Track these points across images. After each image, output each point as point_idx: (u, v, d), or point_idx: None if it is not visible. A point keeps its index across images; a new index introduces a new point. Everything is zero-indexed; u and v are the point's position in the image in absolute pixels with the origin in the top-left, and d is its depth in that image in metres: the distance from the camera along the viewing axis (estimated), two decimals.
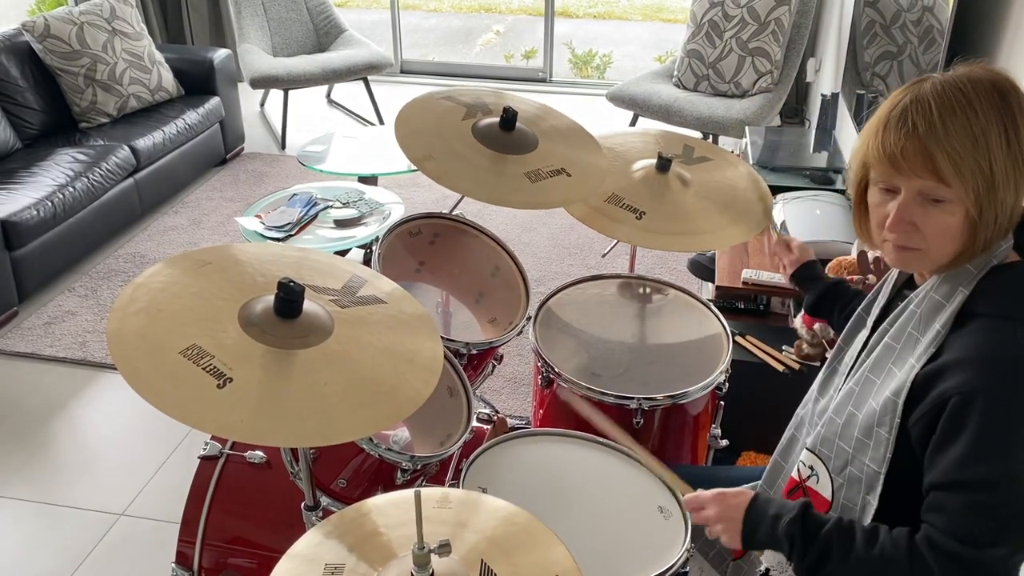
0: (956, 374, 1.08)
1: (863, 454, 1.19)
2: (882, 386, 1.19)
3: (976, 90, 1.09)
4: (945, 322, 1.13)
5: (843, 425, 1.23)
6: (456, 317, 2.02)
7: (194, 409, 1.10)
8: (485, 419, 1.85)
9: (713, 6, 4.37)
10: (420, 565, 1.01)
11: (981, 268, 1.14)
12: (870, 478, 1.18)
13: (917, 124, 1.09)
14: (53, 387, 2.93)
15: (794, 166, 3.10)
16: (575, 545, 1.12)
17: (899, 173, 1.11)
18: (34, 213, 3.27)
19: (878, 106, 1.17)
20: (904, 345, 1.18)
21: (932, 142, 1.08)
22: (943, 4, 2.29)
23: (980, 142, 1.07)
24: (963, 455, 1.06)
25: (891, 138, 1.11)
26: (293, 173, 4.48)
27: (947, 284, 1.16)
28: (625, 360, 1.87)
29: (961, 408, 1.06)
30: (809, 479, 1.29)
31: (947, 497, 1.08)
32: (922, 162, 1.09)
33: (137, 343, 1.16)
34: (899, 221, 1.13)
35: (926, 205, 1.11)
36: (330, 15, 5.21)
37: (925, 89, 1.11)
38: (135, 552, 2.30)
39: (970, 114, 1.08)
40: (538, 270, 3.60)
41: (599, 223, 1.86)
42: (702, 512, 1.27)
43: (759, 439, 2.17)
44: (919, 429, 1.12)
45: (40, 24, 3.92)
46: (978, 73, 1.11)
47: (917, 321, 1.18)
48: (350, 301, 1.34)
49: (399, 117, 1.82)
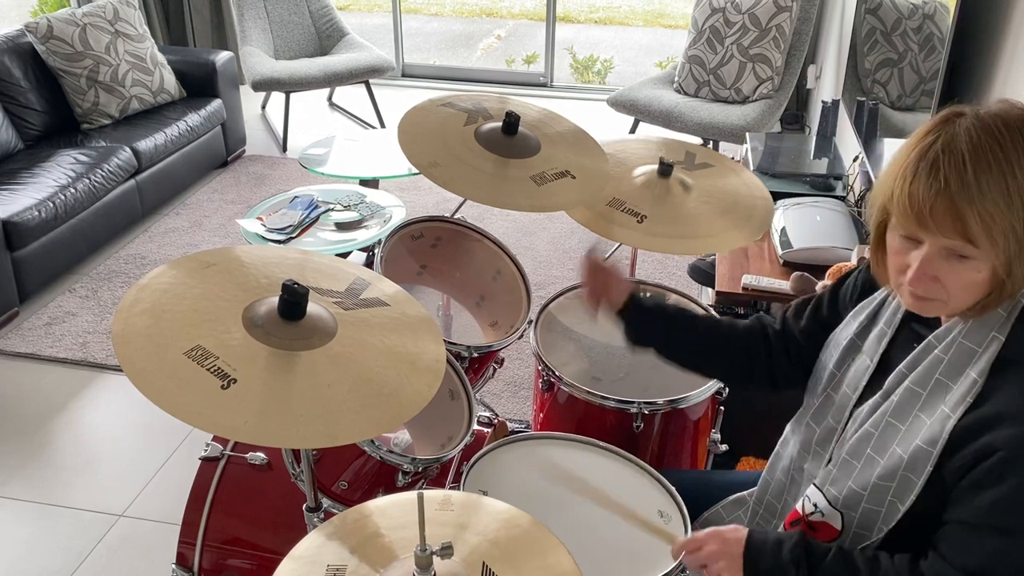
0: (1005, 427, 1.03)
1: (883, 493, 1.14)
2: (909, 433, 1.14)
3: (1013, 139, 1.01)
4: (982, 371, 1.08)
5: (860, 468, 1.18)
6: (457, 320, 2.03)
7: (198, 410, 1.10)
8: (485, 422, 1.86)
9: (714, 12, 4.39)
10: (422, 567, 1.01)
11: (1011, 311, 1.09)
12: (889, 513, 1.15)
13: (950, 180, 1.00)
14: (53, 388, 2.93)
15: (794, 172, 3.11)
16: (575, 549, 1.13)
17: (925, 229, 1.04)
18: (35, 214, 3.27)
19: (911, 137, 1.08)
20: (932, 392, 1.13)
21: (964, 203, 1.00)
22: (944, 12, 2.30)
23: (1016, 202, 1.00)
24: (1002, 501, 1.03)
25: (920, 192, 1.02)
26: (294, 176, 4.49)
27: (976, 330, 1.10)
28: (626, 364, 1.87)
29: (1007, 460, 1.03)
30: (812, 515, 1.24)
31: (974, 537, 1.05)
32: (951, 223, 1.01)
33: (142, 343, 1.17)
34: (921, 276, 1.06)
35: (951, 260, 1.05)
36: (332, 18, 5.23)
37: (959, 135, 1.02)
38: (135, 553, 2.30)
39: (1006, 170, 1.00)
40: (538, 274, 3.60)
41: (600, 227, 1.86)
42: (701, 551, 1.22)
43: (758, 444, 2.18)
44: (956, 475, 1.08)
45: (43, 25, 3.93)
46: (1013, 114, 1.03)
47: (946, 368, 1.12)
48: (354, 303, 1.34)
49: (401, 125, 1.82)
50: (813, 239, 2.47)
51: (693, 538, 1.25)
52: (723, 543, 1.21)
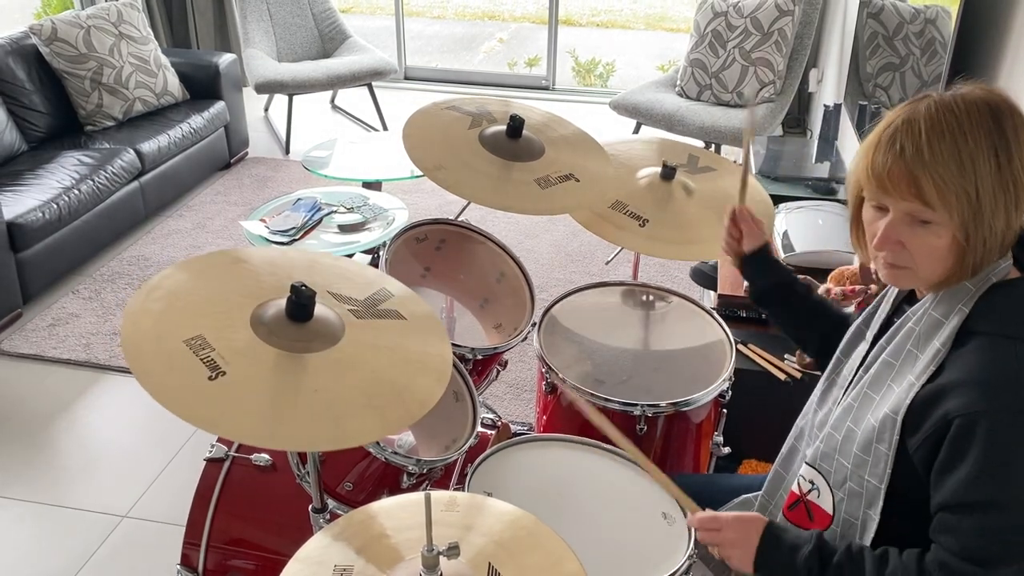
0: (958, 395, 1.08)
1: (862, 469, 1.19)
2: (881, 403, 1.19)
3: (969, 112, 1.08)
4: (944, 340, 1.13)
5: (842, 440, 1.23)
6: (461, 322, 2.04)
7: (176, 396, 1.10)
8: (489, 424, 1.86)
9: (716, 16, 4.40)
10: (429, 567, 1.02)
11: (980, 286, 1.13)
12: (870, 493, 1.19)
13: (905, 147, 1.09)
14: (57, 389, 2.94)
15: (796, 176, 3.12)
16: (579, 550, 1.13)
17: (887, 194, 1.12)
18: (39, 215, 3.28)
19: (881, 119, 1.17)
20: (903, 362, 1.18)
21: (918, 166, 1.08)
22: (946, 17, 2.31)
23: (967, 167, 1.06)
24: (969, 477, 1.06)
25: (880, 159, 1.11)
26: (297, 178, 4.50)
27: (945, 302, 1.15)
28: (629, 367, 1.88)
29: (965, 430, 1.06)
30: (810, 493, 1.29)
31: (956, 519, 1.08)
32: (907, 186, 1.09)
33: (150, 324, 1.18)
34: (886, 239, 1.14)
35: (913, 225, 1.12)
36: (335, 21, 5.24)
37: (919, 110, 1.10)
38: (138, 554, 2.31)
39: (959, 138, 1.07)
40: (540, 277, 3.61)
41: (603, 230, 1.87)
42: (719, 533, 1.26)
43: (761, 447, 2.18)
44: (923, 451, 1.12)
45: (47, 27, 3.94)
46: (975, 94, 1.10)
47: (916, 339, 1.18)
48: (369, 314, 1.35)
49: (406, 129, 1.83)
50: (815, 243, 2.48)
51: (714, 517, 1.28)
52: (741, 532, 1.24)
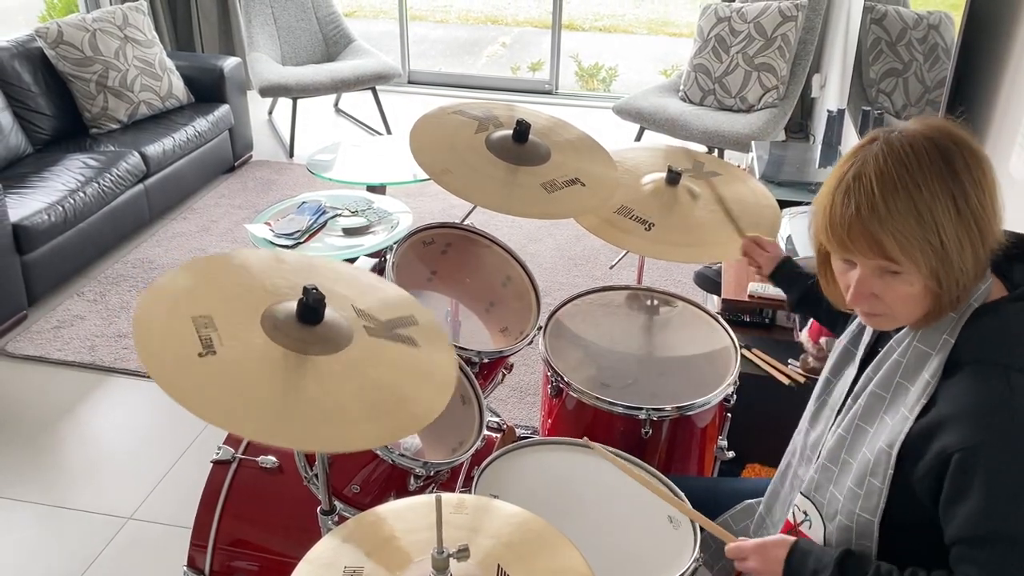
0: (953, 430, 1.06)
1: (853, 503, 1.17)
2: (875, 435, 1.17)
3: (919, 158, 1.05)
4: (933, 372, 1.11)
5: (838, 473, 1.22)
6: (466, 326, 2.04)
7: (160, 363, 1.10)
8: (495, 427, 1.87)
9: (720, 21, 4.41)
10: (439, 569, 1.02)
11: (963, 313, 1.11)
12: (861, 526, 1.17)
13: (860, 206, 1.06)
14: (61, 390, 2.94)
15: (799, 181, 3.13)
16: (584, 553, 1.14)
17: (849, 252, 1.10)
18: (45, 218, 3.29)
19: (836, 163, 1.15)
20: (894, 395, 1.17)
21: (875, 225, 1.05)
22: (948, 23, 2.32)
23: (926, 218, 1.03)
24: (978, 511, 1.04)
25: (836, 219, 1.09)
26: (301, 181, 4.51)
27: (930, 333, 1.13)
28: (634, 371, 1.89)
29: (965, 464, 1.05)
30: (802, 524, 1.27)
31: (974, 551, 1.06)
32: (869, 245, 1.07)
33: (168, 297, 1.20)
34: (859, 296, 1.12)
35: (884, 276, 1.10)
36: (339, 25, 5.26)
37: (868, 162, 1.07)
38: (143, 556, 2.31)
39: (913, 190, 1.04)
40: (544, 281, 3.62)
41: (609, 234, 1.88)
42: (745, 562, 1.26)
43: (764, 451, 2.19)
44: (926, 484, 1.10)
45: (53, 30, 3.95)
46: (922, 134, 1.07)
47: (904, 370, 1.16)
48: (385, 335, 1.34)
49: (412, 133, 1.84)
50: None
51: (739, 547, 1.27)
52: (765, 560, 1.23)
